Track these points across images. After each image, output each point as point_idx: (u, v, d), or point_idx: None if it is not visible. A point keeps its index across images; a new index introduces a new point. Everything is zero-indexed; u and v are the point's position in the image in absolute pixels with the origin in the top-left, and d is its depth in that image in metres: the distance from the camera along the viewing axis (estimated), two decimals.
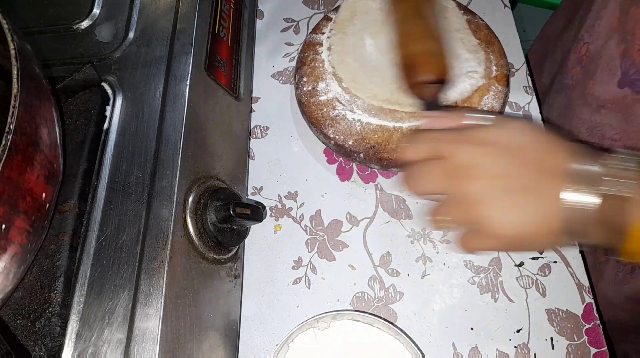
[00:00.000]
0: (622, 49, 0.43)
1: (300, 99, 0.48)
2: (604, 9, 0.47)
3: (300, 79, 0.49)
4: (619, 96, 0.43)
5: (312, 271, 0.45)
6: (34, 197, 0.29)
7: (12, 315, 0.32)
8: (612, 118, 0.44)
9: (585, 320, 0.41)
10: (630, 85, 0.42)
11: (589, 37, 0.49)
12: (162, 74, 0.40)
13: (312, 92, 0.47)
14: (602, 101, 0.46)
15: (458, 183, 0.30)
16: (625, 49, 0.42)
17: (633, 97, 0.42)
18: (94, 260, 0.34)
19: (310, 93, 0.47)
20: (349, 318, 0.39)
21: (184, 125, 0.38)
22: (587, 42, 0.49)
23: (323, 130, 0.46)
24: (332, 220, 0.47)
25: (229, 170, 0.44)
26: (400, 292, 0.43)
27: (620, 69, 0.43)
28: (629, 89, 0.42)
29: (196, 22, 0.43)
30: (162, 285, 0.32)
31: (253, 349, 0.42)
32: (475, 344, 0.41)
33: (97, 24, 0.45)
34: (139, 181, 0.36)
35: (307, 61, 0.49)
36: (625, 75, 0.42)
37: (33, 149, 0.29)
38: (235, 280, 0.42)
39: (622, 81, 0.43)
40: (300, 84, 0.49)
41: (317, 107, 0.46)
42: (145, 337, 0.31)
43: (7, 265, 0.28)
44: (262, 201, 0.48)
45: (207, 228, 0.37)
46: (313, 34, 0.51)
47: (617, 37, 0.44)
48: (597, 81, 0.47)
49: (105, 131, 0.39)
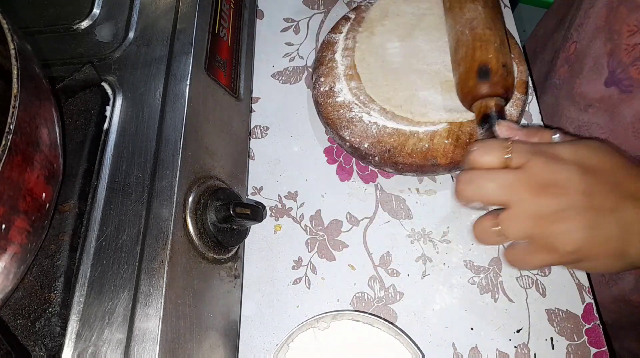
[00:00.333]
0: (609, 49, 0.43)
1: (316, 100, 0.48)
2: (592, 8, 0.47)
3: (318, 79, 0.48)
4: (606, 95, 0.43)
5: (312, 271, 0.45)
6: (34, 197, 0.29)
7: (12, 315, 0.32)
8: (600, 117, 0.44)
9: (585, 320, 0.41)
10: (616, 84, 0.42)
11: (577, 36, 0.49)
12: (162, 74, 0.40)
13: (329, 93, 0.47)
14: (590, 99, 0.45)
15: (531, 195, 0.29)
16: (612, 48, 0.42)
17: (620, 97, 0.42)
18: (94, 260, 0.34)
19: (327, 94, 0.47)
20: (348, 318, 0.39)
21: (184, 125, 0.38)
22: (575, 41, 0.49)
23: (339, 132, 0.45)
24: (332, 220, 0.47)
25: (229, 170, 0.44)
26: (400, 292, 0.43)
27: (607, 68, 0.43)
28: (615, 88, 0.42)
29: (196, 22, 0.43)
30: (162, 285, 0.32)
31: (253, 349, 0.42)
32: (475, 344, 0.41)
33: (97, 24, 0.45)
34: (139, 181, 0.36)
35: (325, 61, 0.49)
36: (612, 74, 0.42)
37: (33, 149, 0.29)
38: (235, 280, 0.42)
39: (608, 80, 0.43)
40: (317, 84, 0.48)
41: (333, 108, 0.46)
42: (145, 337, 0.31)
43: (7, 265, 0.28)
44: (262, 201, 0.48)
45: (207, 228, 0.37)
46: (332, 34, 0.51)
47: (604, 37, 0.44)
48: (584, 80, 0.47)
49: (105, 131, 0.39)
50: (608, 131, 0.44)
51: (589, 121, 0.46)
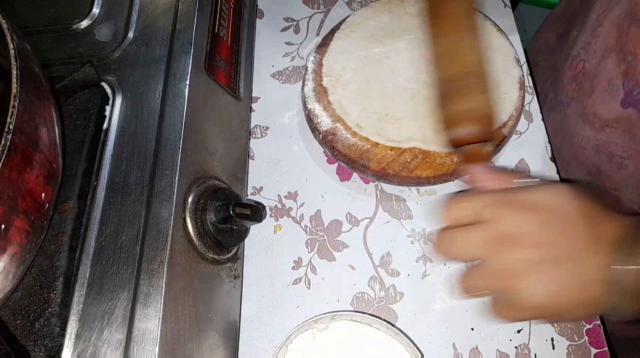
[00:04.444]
0: (624, 70, 0.42)
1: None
2: (600, 27, 0.46)
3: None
4: (624, 115, 0.43)
5: (312, 271, 0.44)
6: (34, 197, 0.29)
7: (11, 315, 0.32)
8: (619, 137, 0.44)
9: (585, 320, 0.41)
10: (635, 105, 0.42)
11: (585, 55, 0.49)
12: (161, 74, 0.40)
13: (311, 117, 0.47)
14: (606, 120, 0.45)
15: (497, 251, 0.29)
16: (627, 69, 0.42)
17: (638, 117, 0.42)
18: (94, 260, 0.34)
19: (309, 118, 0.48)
20: (347, 319, 0.39)
21: (183, 125, 0.38)
22: (583, 59, 0.49)
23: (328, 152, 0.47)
24: (332, 220, 0.46)
25: (229, 170, 0.44)
26: (400, 292, 0.43)
27: (623, 89, 0.43)
28: (633, 109, 0.42)
29: (196, 21, 0.43)
30: (162, 285, 0.32)
31: (253, 349, 0.42)
32: (476, 344, 0.41)
33: (97, 23, 0.45)
34: (139, 181, 0.36)
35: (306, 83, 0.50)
36: (628, 95, 0.42)
37: (32, 149, 0.29)
38: (235, 280, 0.42)
39: (625, 101, 0.43)
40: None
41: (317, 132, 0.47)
42: (144, 337, 0.31)
43: (7, 265, 0.28)
44: (262, 201, 0.48)
45: (206, 228, 0.37)
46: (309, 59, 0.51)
47: (616, 57, 0.44)
48: (597, 99, 0.46)
49: (104, 131, 0.39)
50: (629, 150, 0.44)
51: (608, 140, 0.45)
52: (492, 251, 0.30)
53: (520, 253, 0.29)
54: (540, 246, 0.29)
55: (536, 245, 0.29)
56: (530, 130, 0.49)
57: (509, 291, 0.29)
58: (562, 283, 0.28)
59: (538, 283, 0.28)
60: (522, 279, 0.28)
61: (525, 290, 0.28)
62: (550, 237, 0.29)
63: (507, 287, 0.29)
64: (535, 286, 0.28)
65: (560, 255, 0.28)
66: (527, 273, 0.28)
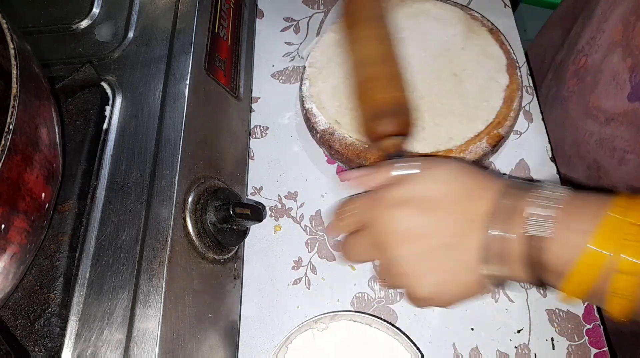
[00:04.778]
0: (630, 64, 0.43)
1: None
2: (605, 22, 0.47)
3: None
4: (630, 109, 0.43)
5: (312, 271, 0.44)
6: (34, 197, 0.29)
7: (11, 315, 0.32)
8: (624, 131, 0.44)
9: (585, 320, 0.41)
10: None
11: (589, 50, 0.49)
12: (161, 74, 0.40)
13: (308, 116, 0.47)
14: (611, 114, 0.45)
15: (382, 253, 0.30)
16: (634, 64, 0.42)
17: None
18: (94, 260, 0.34)
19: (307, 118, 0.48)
20: (347, 319, 0.39)
21: (183, 125, 0.38)
22: (586, 54, 0.49)
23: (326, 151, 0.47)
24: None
25: (229, 170, 0.44)
26: (400, 292, 0.43)
27: (630, 83, 0.43)
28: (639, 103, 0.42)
29: (196, 21, 0.43)
30: (162, 285, 0.32)
31: (253, 349, 0.42)
32: (476, 344, 0.41)
33: (97, 23, 0.45)
34: (139, 181, 0.36)
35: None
36: (635, 89, 0.42)
37: (32, 149, 0.29)
38: (235, 280, 0.42)
39: (632, 95, 0.43)
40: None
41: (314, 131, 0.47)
42: (144, 337, 0.31)
43: (7, 265, 0.28)
44: (262, 201, 0.48)
45: (206, 228, 0.37)
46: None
47: (622, 52, 0.44)
48: (601, 94, 0.46)
49: (104, 131, 0.39)
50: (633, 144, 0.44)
51: (612, 134, 0.46)
52: (379, 253, 0.30)
53: (402, 250, 0.29)
54: (419, 239, 0.29)
55: (416, 239, 0.29)
56: (530, 130, 0.49)
57: (403, 287, 0.30)
58: (445, 272, 0.29)
59: (423, 277, 0.29)
60: (408, 276, 0.29)
61: (413, 286, 0.29)
62: (427, 228, 0.29)
63: (400, 285, 0.30)
64: (421, 281, 0.29)
65: (439, 243, 0.29)
66: (412, 269, 0.29)
